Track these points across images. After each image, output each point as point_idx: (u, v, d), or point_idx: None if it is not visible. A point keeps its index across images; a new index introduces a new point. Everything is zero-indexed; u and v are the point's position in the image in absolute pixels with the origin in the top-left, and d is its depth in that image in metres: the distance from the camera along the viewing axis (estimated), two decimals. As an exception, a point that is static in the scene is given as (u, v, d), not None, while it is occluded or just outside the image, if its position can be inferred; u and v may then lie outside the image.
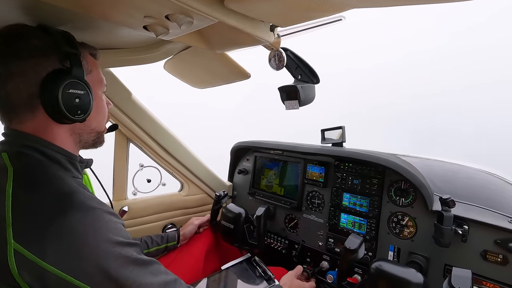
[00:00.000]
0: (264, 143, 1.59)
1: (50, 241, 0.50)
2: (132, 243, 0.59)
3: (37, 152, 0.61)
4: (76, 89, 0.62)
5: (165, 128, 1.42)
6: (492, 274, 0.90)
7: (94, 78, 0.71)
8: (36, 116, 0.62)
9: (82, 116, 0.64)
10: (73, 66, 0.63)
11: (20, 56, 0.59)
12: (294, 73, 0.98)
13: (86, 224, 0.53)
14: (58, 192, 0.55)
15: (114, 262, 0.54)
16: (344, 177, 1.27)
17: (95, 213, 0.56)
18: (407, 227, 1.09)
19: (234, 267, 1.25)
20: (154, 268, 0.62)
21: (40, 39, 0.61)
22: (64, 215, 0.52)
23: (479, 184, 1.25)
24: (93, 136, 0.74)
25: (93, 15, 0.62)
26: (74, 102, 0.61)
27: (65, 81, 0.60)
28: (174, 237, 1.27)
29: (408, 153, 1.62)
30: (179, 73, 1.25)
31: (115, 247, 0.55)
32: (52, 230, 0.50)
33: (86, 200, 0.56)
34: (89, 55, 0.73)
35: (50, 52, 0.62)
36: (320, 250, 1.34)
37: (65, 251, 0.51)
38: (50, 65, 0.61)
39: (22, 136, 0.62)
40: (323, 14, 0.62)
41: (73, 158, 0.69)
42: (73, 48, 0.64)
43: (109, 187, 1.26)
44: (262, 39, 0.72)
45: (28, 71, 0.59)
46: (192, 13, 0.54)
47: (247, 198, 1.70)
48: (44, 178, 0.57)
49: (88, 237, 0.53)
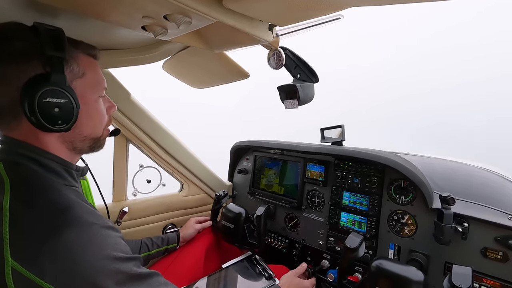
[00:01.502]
0: (264, 143, 1.59)
1: (48, 258, 0.49)
2: (131, 257, 0.58)
3: (32, 161, 0.59)
4: (56, 97, 0.56)
5: (165, 128, 1.41)
6: (493, 271, 0.90)
7: (87, 82, 0.66)
8: (21, 123, 0.59)
9: (64, 126, 0.59)
10: (53, 72, 0.57)
11: (1, 58, 0.55)
12: (293, 72, 0.98)
13: (83, 241, 0.52)
14: (55, 207, 0.53)
15: (112, 279, 0.53)
16: (344, 175, 1.27)
17: (93, 228, 0.54)
18: (407, 225, 1.09)
19: (234, 265, 1.25)
20: (153, 281, 0.61)
21: (25, 41, 0.57)
22: (61, 232, 0.50)
23: (478, 182, 1.26)
24: (88, 143, 0.70)
25: (91, 16, 0.61)
26: (52, 111, 0.56)
27: (42, 88, 0.55)
28: (174, 239, 1.27)
29: (408, 151, 1.62)
30: (178, 73, 1.25)
31: (113, 263, 0.54)
32: (49, 247, 0.49)
33: (83, 215, 0.55)
34: (85, 56, 0.67)
35: (33, 55, 0.57)
36: (320, 249, 1.34)
37: (62, 269, 0.49)
38: (32, 70, 0.56)
39: (16, 143, 0.60)
40: (322, 13, 0.61)
41: (69, 166, 0.67)
42: (58, 51, 0.57)
43: (109, 188, 1.26)
44: (260, 39, 0.72)
45: (9, 75, 0.56)
46: (191, 13, 0.54)
47: (247, 198, 1.70)
48: (41, 191, 0.55)
49: (86, 254, 0.51)
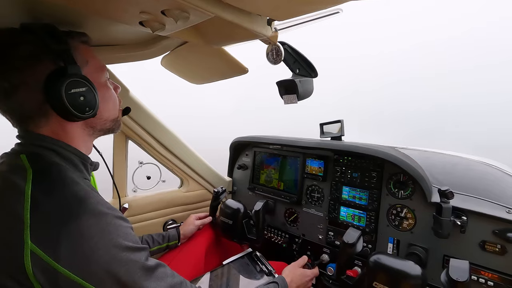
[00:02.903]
0: (263, 138, 1.59)
1: (64, 244, 0.51)
2: (141, 247, 0.60)
3: (54, 153, 0.63)
4: (78, 87, 0.61)
5: (163, 124, 1.41)
6: (491, 264, 0.91)
7: (92, 68, 0.70)
8: (50, 119, 0.63)
9: (91, 112, 0.64)
10: (68, 65, 0.61)
11: (16, 67, 0.59)
12: (292, 67, 0.97)
13: (98, 229, 0.55)
14: (73, 196, 0.56)
15: (123, 267, 0.55)
16: (343, 170, 1.27)
17: (107, 218, 0.57)
18: (406, 219, 1.10)
19: (235, 262, 1.26)
20: (160, 271, 0.63)
21: (29, 43, 0.60)
22: (78, 220, 0.53)
23: (477, 176, 1.26)
24: (108, 125, 0.75)
25: (88, 12, 0.61)
26: (79, 100, 0.61)
27: (64, 82, 0.59)
28: (175, 236, 1.28)
29: (407, 146, 1.62)
30: (176, 69, 1.25)
31: (124, 252, 0.56)
32: (66, 234, 0.52)
33: (99, 205, 0.57)
34: (81, 44, 0.70)
35: (41, 54, 0.60)
36: (320, 244, 1.35)
37: (77, 254, 0.52)
38: (46, 68, 0.60)
39: (38, 137, 0.63)
40: (321, 7, 0.61)
41: (86, 159, 0.71)
42: (62, 44, 0.61)
43: (109, 184, 1.26)
44: (259, 33, 0.71)
45: (28, 80, 0.59)
46: (188, 8, 0.54)
47: (247, 193, 1.70)
48: (60, 181, 0.58)
49: (99, 242, 0.54)
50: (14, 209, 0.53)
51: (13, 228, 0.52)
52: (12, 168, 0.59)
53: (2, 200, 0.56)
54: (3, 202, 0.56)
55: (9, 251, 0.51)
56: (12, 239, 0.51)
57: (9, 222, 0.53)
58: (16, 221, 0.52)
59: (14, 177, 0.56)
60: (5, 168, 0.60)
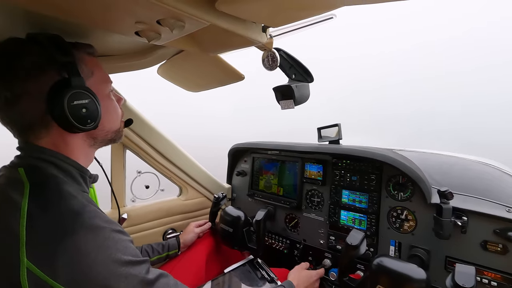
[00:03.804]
0: (261, 144, 1.59)
1: (61, 261, 0.50)
2: (141, 260, 0.59)
3: (52, 165, 0.63)
4: (81, 99, 0.61)
5: (161, 133, 1.41)
6: (493, 263, 0.91)
7: (97, 79, 0.70)
8: (51, 131, 0.63)
9: (93, 124, 0.64)
10: (72, 76, 0.61)
11: (19, 77, 0.58)
12: (288, 72, 0.98)
13: (95, 244, 0.53)
14: (69, 211, 0.55)
15: (122, 282, 0.54)
16: (342, 174, 1.27)
17: (104, 232, 0.56)
18: (407, 221, 1.09)
19: (237, 269, 1.25)
20: (162, 283, 0.62)
21: (34, 54, 0.60)
22: (74, 236, 0.52)
23: (475, 175, 1.27)
24: (110, 136, 0.75)
25: (84, 23, 0.61)
26: (81, 112, 0.61)
27: (67, 93, 0.59)
28: (174, 245, 1.26)
29: (405, 147, 1.63)
30: (173, 78, 1.25)
31: (123, 267, 0.55)
32: (63, 250, 0.50)
33: (96, 220, 0.56)
34: (87, 55, 0.70)
35: (46, 65, 0.60)
36: (321, 248, 1.34)
37: (75, 271, 0.50)
38: (50, 79, 0.60)
39: (38, 149, 0.63)
40: (315, 13, 0.62)
41: (85, 172, 0.70)
42: (67, 56, 0.62)
43: (107, 194, 1.26)
44: (254, 40, 0.72)
45: (31, 90, 0.59)
46: (183, 17, 0.54)
47: (247, 200, 1.69)
48: (57, 195, 0.57)
49: (97, 258, 0.52)
50: (10, 225, 0.52)
51: (9, 245, 0.51)
52: (10, 182, 0.59)
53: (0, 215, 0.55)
54: (0, 217, 0.55)
55: (5, 269, 0.50)
56: (8, 256, 0.50)
57: (5, 238, 0.52)
58: (12, 238, 0.51)
59: (12, 192, 0.56)
60: (3, 182, 0.60)
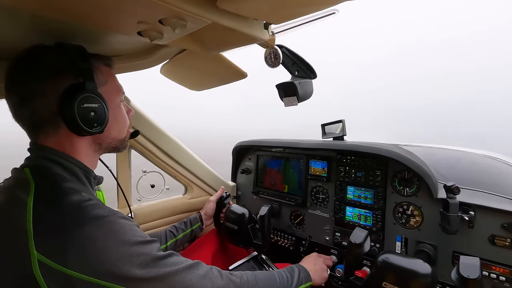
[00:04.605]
0: (265, 142, 1.59)
1: (71, 249, 0.52)
2: (151, 240, 0.62)
3: (58, 165, 0.65)
4: (91, 102, 0.64)
5: (165, 132, 1.41)
6: (501, 258, 0.90)
7: (110, 88, 0.74)
8: (59, 131, 0.66)
9: (99, 128, 0.66)
10: (86, 81, 0.65)
11: (39, 76, 0.62)
12: (290, 69, 0.98)
13: (103, 231, 0.56)
14: (74, 205, 0.57)
15: (135, 263, 0.56)
16: (347, 170, 1.27)
17: (110, 218, 0.58)
18: (413, 217, 1.09)
19: (241, 266, 1.25)
20: (174, 258, 0.64)
21: (56, 58, 0.64)
22: (81, 227, 0.54)
23: (482, 169, 1.25)
24: (114, 144, 0.78)
25: (86, 24, 0.61)
26: (89, 115, 0.64)
27: (79, 96, 0.62)
28: (196, 219, 1.34)
29: (410, 142, 1.61)
30: (175, 77, 1.25)
31: (134, 247, 0.57)
32: (71, 242, 0.52)
33: (100, 210, 0.58)
34: (104, 66, 0.74)
35: (66, 69, 0.64)
36: (327, 245, 1.34)
37: (86, 256, 0.52)
38: (67, 82, 0.63)
39: (44, 149, 0.65)
40: (317, 8, 0.61)
41: (89, 172, 0.72)
42: (86, 63, 0.66)
43: (113, 195, 1.27)
44: (256, 38, 0.72)
45: (47, 90, 0.62)
46: (185, 16, 0.54)
47: (252, 198, 1.70)
48: (62, 191, 0.59)
49: (107, 242, 0.55)
50: (18, 222, 0.54)
51: (19, 240, 0.53)
52: (17, 182, 0.62)
53: (8, 214, 0.57)
54: (8, 216, 0.57)
55: (18, 263, 0.52)
56: (19, 251, 0.52)
57: (15, 235, 0.54)
58: (21, 234, 0.53)
59: (18, 191, 0.59)
60: (12, 183, 0.63)
